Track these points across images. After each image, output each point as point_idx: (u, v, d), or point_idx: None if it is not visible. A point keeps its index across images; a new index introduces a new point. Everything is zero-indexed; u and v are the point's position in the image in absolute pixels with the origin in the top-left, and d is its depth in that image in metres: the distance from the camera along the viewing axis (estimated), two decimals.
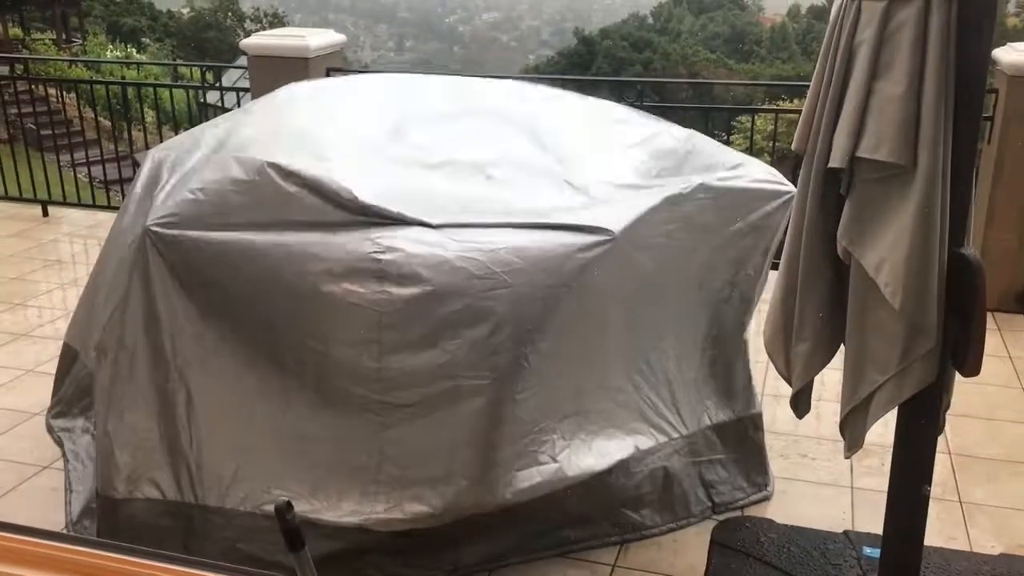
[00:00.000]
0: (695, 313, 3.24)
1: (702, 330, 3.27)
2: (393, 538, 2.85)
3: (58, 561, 1.08)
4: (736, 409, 3.37)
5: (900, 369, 2.25)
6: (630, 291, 3.00)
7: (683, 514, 3.26)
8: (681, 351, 3.21)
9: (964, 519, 3.32)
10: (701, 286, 3.22)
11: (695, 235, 3.12)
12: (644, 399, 3.11)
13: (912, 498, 2.47)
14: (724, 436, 3.35)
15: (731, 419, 3.36)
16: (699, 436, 3.28)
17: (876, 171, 2.18)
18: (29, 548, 1.09)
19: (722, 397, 3.35)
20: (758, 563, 2.91)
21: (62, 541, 1.12)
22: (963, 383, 2.39)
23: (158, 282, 2.85)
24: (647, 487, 3.16)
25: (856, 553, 2.96)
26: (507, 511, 2.88)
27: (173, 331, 2.88)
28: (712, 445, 3.32)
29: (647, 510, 3.19)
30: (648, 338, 3.12)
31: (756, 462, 3.44)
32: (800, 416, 2.62)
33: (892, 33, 2.10)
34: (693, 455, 3.26)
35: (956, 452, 3.73)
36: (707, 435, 3.30)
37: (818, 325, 2.43)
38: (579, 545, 3.13)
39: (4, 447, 3.79)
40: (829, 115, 2.23)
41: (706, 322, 3.27)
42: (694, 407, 3.26)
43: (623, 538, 3.17)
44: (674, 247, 3.09)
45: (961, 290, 2.20)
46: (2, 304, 5.27)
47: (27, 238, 6.47)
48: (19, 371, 4.44)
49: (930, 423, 2.39)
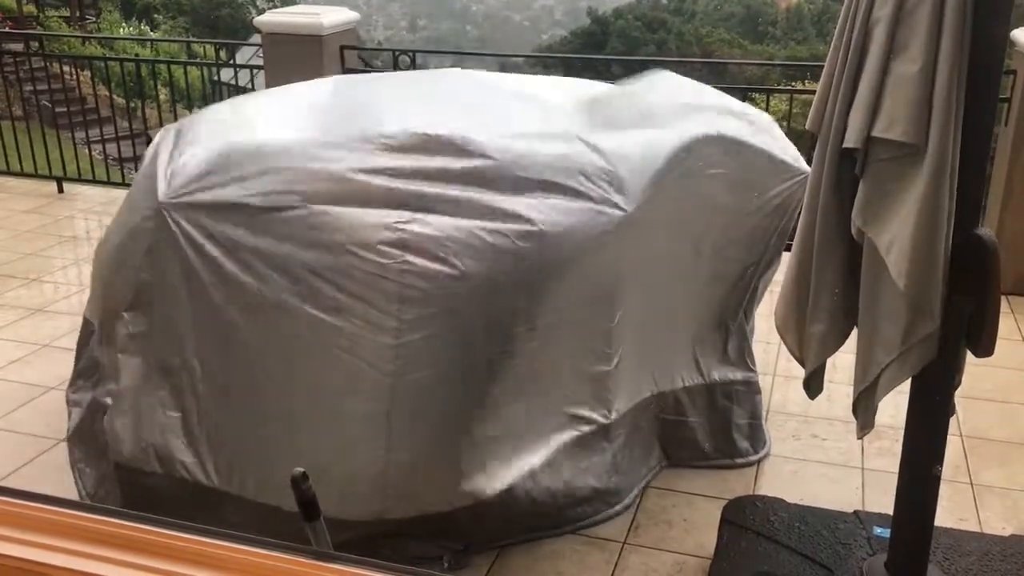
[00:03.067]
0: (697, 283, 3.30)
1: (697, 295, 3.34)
2: (404, 521, 2.85)
3: (70, 527, 1.10)
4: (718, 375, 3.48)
5: (904, 350, 2.25)
6: (639, 262, 3.02)
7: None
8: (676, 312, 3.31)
9: (975, 500, 3.33)
10: (700, 256, 3.27)
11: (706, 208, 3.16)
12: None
13: (923, 479, 2.47)
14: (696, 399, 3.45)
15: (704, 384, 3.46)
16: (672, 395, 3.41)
17: (890, 151, 2.17)
18: (41, 515, 1.11)
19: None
20: (768, 542, 2.92)
21: (74, 508, 1.13)
22: (976, 365, 2.39)
23: (171, 254, 2.86)
24: None
25: (866, 533, 2.97)
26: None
27: (187, 303, 2.88)
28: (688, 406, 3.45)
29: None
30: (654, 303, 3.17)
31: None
32: (812, 397, 2.62)
33: (909, 12, 2.08)
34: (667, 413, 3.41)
35: (968, 434, 3.73)
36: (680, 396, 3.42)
37: (832, 306, 2.43)
38: (588, 522, 3.16)
39: (22, 420, 3.83)
40: (844, 95, 2.22)
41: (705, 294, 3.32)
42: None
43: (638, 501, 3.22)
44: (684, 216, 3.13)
45: (975, 270, 2.19)
46: (18, 279, 5.31)
47: (43, 214, 6.50)
48: (36, 345, 4.48)
49: (941, 404, 2.39)
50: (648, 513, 3.26)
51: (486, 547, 3.05)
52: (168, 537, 1.08)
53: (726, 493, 3.31)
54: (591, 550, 3.08)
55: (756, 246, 3.35)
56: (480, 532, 3.02)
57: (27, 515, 1.11)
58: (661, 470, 3.47)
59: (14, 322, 4.75)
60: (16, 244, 5.87)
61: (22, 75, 8.22)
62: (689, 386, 3.42)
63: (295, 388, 2.84)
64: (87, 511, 1.13)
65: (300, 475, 1.16)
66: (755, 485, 3.43)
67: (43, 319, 4.81)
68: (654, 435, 3.42)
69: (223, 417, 2.91)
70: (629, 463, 3.28)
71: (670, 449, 3.49)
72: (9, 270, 5.43)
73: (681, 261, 3.24)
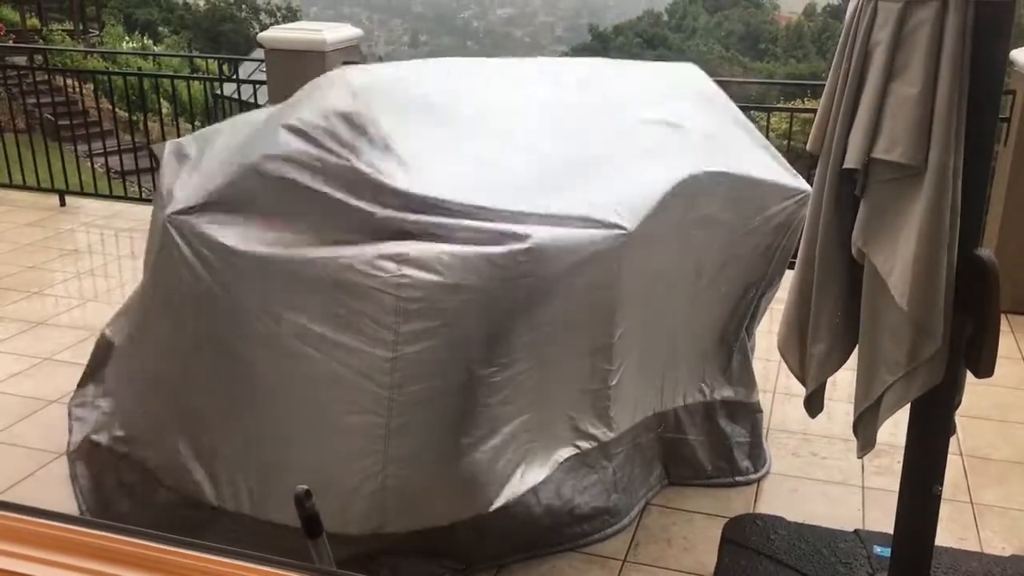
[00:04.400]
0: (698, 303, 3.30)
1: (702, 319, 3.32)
2: (404, 538, 2.85)
3: (72, 543, 1.10)
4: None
5: (908, 370, 2.25)
6: (640, 281, 3.02)
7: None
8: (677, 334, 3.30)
9: (975, 520, 3.32)
10: (701, 275, 3.27)
11: (707, 228, 3.15)
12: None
13: (923, 498, 2.47)
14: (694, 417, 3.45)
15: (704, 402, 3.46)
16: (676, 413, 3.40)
17: (891, 172, 2.18)
18: (43, 530, 1.11)
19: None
20: (768, 560, 2.92)
21: (76, 524, 1.13)
22: (975, 385, 2.39)
23: (178, 268, 2.87)
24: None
25: (866, 552, 2.96)
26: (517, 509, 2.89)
27: (188, 315, 2.90)
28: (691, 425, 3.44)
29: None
30: (656, 321, 3.17)
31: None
32: (813, 416, 2.62)
33: (908, 34, 2.09)
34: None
35: (968, 453, 3.73)
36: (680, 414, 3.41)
37: (834, 326, 2.43)
38: (588, 540, 3.15)
39: (22, 433, 3.83)
40: (844, 116, 2.23)
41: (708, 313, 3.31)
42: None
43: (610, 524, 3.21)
44: (685, 240, 3.12)
45: (975, 291, 2.20)
46: (20, 292, 5.31)
47: (44, 227, 6.52)
48: (36, 359, 4.48)
49: (942, 424, 2.39)
50: (648, 531, 3.25)
51: (486, 566, 3.04)
52: (170, 553, 1.08)
53: (726, 511, 3.31)
54: (591, 568, 3.07)
55: (758, 265, 3.36)
56: (480, 550, 3.01)
57: (27, 530, 1.11)
58: (662, 488, 3.46)
59: (15, 335, 4.76)
60: (17, 257, 5.88)
61: (25, 88, 8.27)
62: (690, 404, 3.42)
63: (293, 401, 2.83)
64: (87, 526, 1.13)
65: (304, 492, 1.16)
66: (755, 503, 3.43)
67: (44, 332, 4.81)
68: (655, 454, 3.42)
69: (223, 431, 2.91)
70: (629, 481, 3.27)
71: (671, 468, 3.48)
72: (10, 283, 5.44)
73: (683, 280, 3.24)
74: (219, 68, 7.97)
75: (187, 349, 2.94)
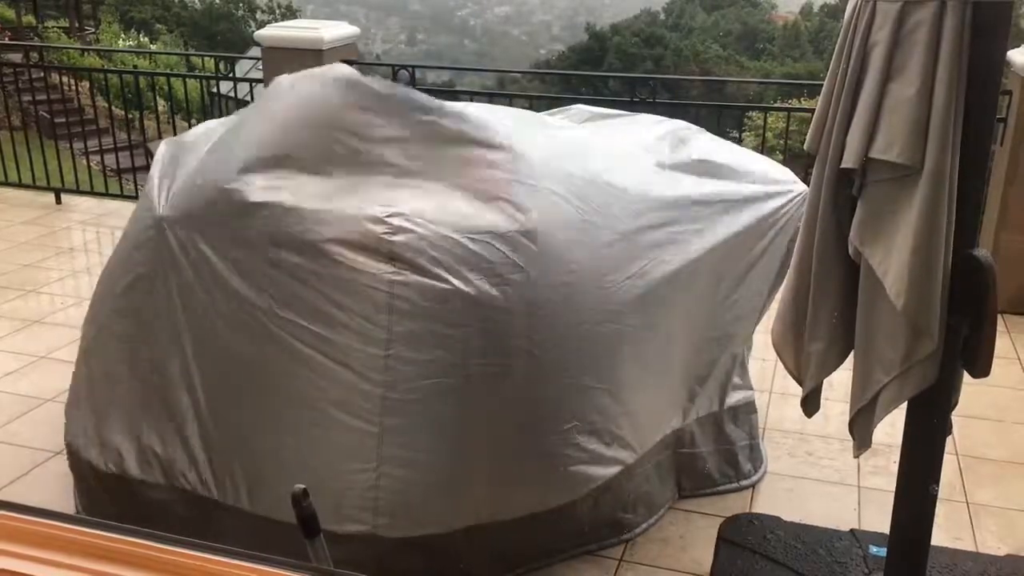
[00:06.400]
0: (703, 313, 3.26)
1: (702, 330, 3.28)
2: (400, 545, 2.77)
3: (70, 542, 1.10)
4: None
5: (903, 370, 2.25)
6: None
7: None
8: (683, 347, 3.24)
9: (971, 520, 3.33)
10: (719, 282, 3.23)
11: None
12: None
13: (919, 498, 2.47)
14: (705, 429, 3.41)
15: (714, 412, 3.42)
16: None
17: (888, 172, 2.18)
18: (41, 529, 1.11)
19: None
20: (764, 560, 2.92)
21: (74, 523, 1.13)
22: (972, 384, 2.40)
23: (169, 263, 2.87)
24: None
25: (862, 551, 2.97)
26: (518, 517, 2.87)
27: (181, 311, 2.88)
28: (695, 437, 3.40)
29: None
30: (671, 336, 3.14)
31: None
32: (809, 415, 2.62)
33: (907, 35, 2.10)
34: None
35: (964, 453, 3.73)
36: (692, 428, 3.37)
37: (831, 325, 2.43)
38: (584, 549, 3.11)
39: (18, 432, 3.82)
40: (842, 116, 2.23)
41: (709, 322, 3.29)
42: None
43: (620, 538, 3.18)
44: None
45: (972, 291, 2.20)
46: (16, 291, 5.30)
47: (40, 225, 6.50)
48: (33, 357, 4.47)
49: (939, 423, 2.39)
50: (645, 530, 3.25)
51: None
52: (166, 552, 1.08)
53: (723, 511, 3.31)
54: (588, 567, 3.07)
55: (771, 269, 3.32)
56: (479, 559, 2.92)
57: (24, 529, 1.11)
58: (674, 503, 3.40)
59: (11, 333, 4.75)
60: (13, 255, 5.87)
61: (21, 86, 8.24)
62: (701, 416, 3.38)
63: (286, 397, 2.79)
64: (84, 525, 1.13)
65: (301, 492, 1.16)
66: (752, 503, 3.43)
67: (40, 331, 4.80)
68: (670, 470, 3.37)
69: (218, 426, 2.90)
70: (644, 501, 3.23)
71: (684, 481, 3.42)
72: (6, 281, 5.43)
73: (699, 291, 3.19)
74: (216, 66, 7.94)
75: (165, 342, 2.92)
